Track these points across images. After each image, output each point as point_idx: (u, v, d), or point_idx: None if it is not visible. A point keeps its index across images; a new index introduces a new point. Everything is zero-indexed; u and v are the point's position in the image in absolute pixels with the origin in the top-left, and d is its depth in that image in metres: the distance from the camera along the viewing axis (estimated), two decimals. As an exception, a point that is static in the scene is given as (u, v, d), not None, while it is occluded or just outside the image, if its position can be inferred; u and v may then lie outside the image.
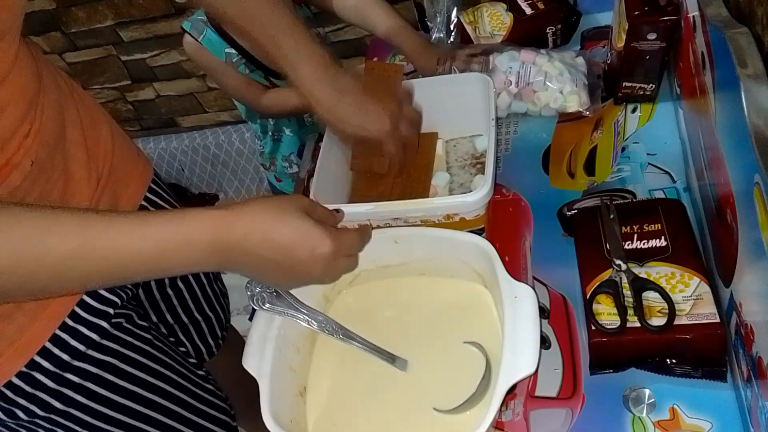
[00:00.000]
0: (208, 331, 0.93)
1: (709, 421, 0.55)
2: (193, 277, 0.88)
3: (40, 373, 0.65)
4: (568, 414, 0.60)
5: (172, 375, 0.77)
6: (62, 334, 0.65)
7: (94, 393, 0.69)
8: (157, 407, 0.75)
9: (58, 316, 0.65)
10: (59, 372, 0.66)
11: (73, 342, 0.66)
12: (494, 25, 0.97)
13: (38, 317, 0.63)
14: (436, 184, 0.82)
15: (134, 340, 0.72)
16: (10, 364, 0.63)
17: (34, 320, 0.63)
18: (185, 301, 0.87)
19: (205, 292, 0.91)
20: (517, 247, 0.73)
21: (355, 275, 0.70)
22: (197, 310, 0.89)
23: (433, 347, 0.64)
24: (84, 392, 0.68)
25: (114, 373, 0.70)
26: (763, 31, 0.54)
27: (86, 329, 0.67)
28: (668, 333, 0.57)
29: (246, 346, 0.61)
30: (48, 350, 0.64)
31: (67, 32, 2.04)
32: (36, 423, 0.68)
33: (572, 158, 0.81)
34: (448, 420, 0.58)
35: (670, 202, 0.69)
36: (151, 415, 0.74)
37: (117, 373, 0.70)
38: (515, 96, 0.87)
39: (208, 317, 0.92)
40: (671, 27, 0.71)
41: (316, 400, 0.64)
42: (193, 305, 0.89)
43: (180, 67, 2.10)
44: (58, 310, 0.65)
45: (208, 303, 0.91)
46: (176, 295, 0.86)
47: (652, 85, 0.79)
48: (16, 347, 0.63)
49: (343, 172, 0.82)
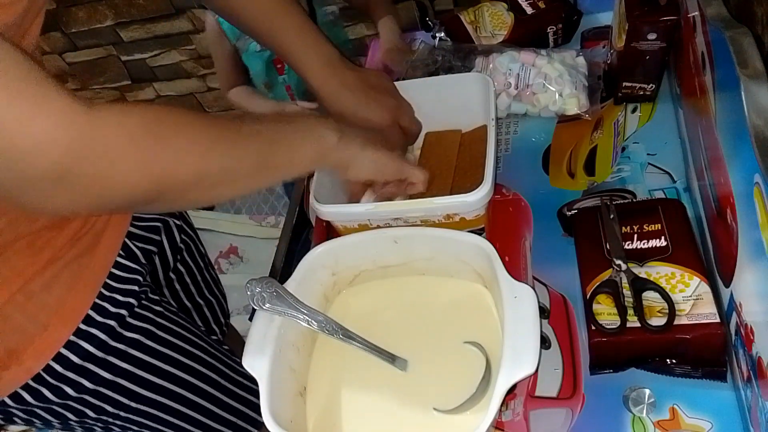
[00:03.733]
0: (211, 317, 0.95)
1: (709, 421, 0.55)
2: (190, 261, 0.90)
3: (87, 342, 0.66)
4: (568, 414, 0.60)
5: (201, 342, 0.80)
6: (102, 303, 0.67)
7: (139, 359, 0.71)
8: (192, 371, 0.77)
9: (94, 285, 0.67)
10: (107, 340, 0.67)
11: (113, 309, 0.68)
12: (495, 24, 0.97)
13: (75, 287, 0.65)
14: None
15: (163, 309, 0.76)
16: (57, 333, 0.64)
17: (72, 290, 0.65)
18: (187, 285, 0.89)
19: (204, 276, 0.93)
20: (517, 247, 0.73)
21: (355, 275, 0.70)
22: (198, 294, 0.92)
23: (433, 347, 0.64)
24: (130, 359, 0.70)
25: (153, 339, 0.73)
26: (763, 31, 0.54)
27: (121, 296, 0.69)
28: (668, 333, 0.57)
29: (246, 346, 0.61)
30: (92, 318, 0.66)
31: (67, 32, 2.04)
32: (83, 399, 0.69)
33: (572, 158, 0.81)
34: (448, 420, 0.58)
35: (670, 202, 0.69)
36: (188, 379, 0.77)
37: (155, 339, 0.73)
38: (515, 98, 0.87)
39: (210, 301, 0.95)
40: (671, 27, 0.71)
41: (316, 400, 0.64)
42: (194, 289, 0.91)
43: (180, 67, 2.10)
44: (91, 280, 0.67)
45: (207, 287, 0.94)
46: (178, 279, 0.87)
47: (652, 85, 0.79)
48: (61, 316, 0.64)
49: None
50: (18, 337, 0.63)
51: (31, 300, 0.62)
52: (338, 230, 0.74)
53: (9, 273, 0.61)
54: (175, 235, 0.86)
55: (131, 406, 0.72)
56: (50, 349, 0.65)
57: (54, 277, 0.64)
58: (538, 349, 0.52)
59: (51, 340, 0.65)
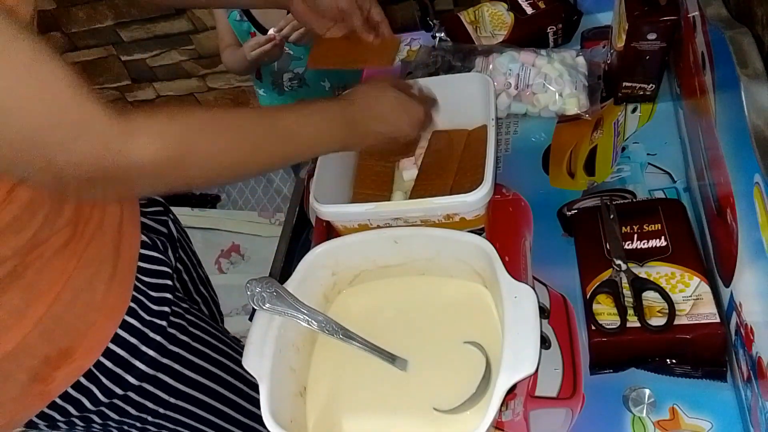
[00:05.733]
0: (208, 314, 0.95)
1: (709, 421, 0.55)
2: (185, 257, 0.90)
3: (131, 335, 0.67)
4: (568, 414, 0.60)
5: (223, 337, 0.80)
6: (139, 296, 0.69)
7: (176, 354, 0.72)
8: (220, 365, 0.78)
9: (129, 276, 0.69)
10: (147, 332, 0.68)
11: (152, 305, 0.69)
12: (495, 24, 0.97)
13: (113, 280, 0.66)
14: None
15: (189, 306, 0.77)
16: (104, 329, 0.65)
17: (111, 283, 0.66)
18: (185, 283, 0.89)
19: (198, 272, 0.94)
20: (517, 247, 0.73)
21: (355, 275, 0.70)
22: (195, 291, 0.92)
23: (433, 347, 0.64)
24: (169, 354, 0.71)
25: (186, 334, 0.74)
26: (763, 31, 0.54)
27: (155, 292, 0.71)
28: (668, 333, 0.57)
29: (246, 346, 0.61)
30: (134, 310, 0.67)
31: (67, 32, 2.04)
32: (127, 397, 0.69)
33: (572, 158, 0.81)
34: (448, 420, 0.58)
35: (670, 202, 0.69)
36: (218, 373, 0.77)
37: (187, 334, 0.74)
38: (515, 98, 0.87)
39: (206, 298, 0.95)
40: (671, 27, 0.71)
41: (316, 400, 0.64)
42: (191, 286, 0.91)
43: (180, 67, 2.10)
44: (126, 271, 0.68)
45: (202, 284, 0.95)
46: (178, 278, 0.87)
47: (652, 85, 0.79)
48: (106, 311, 0.65)
49: (343, 172, 0.82)
50: (70, 336, 0.63)
51: (77, 298, 0.63)
52: (338, 230, 0.74)
53: (52, 272, 0.61)
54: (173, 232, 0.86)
55: (170, 402, 0.73)
56: (98, 346, 0.65)
57: (95, 272, 0.65)
58: (538, 349, 0.52)
59: (99, 336, 0.65)
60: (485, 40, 0.97)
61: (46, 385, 0.64)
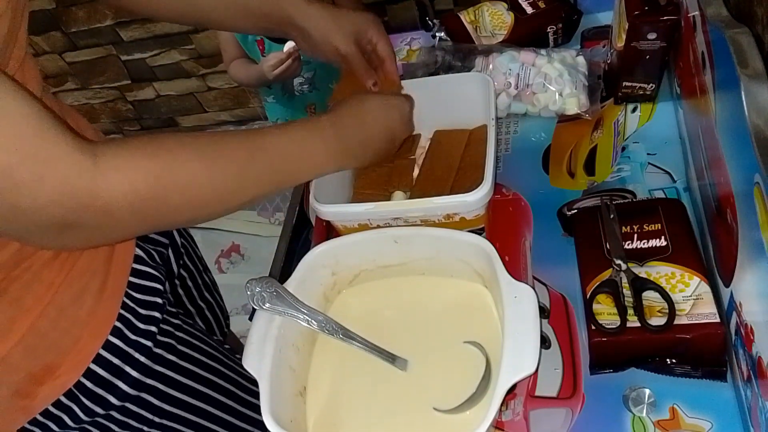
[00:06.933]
0: (212, 319, 0.96)
1: (709, 421, 0.55)
2: (190, 264, 0.90)
3: (114, 355, 0.66)
4: (568, 414, 0.60)
5: (214, 353, 0.80)
6: (126, 314, 0.67)
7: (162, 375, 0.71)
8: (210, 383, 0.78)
9: (118, 294, 0.67)
10: (131, 352, 0.67)
11: (139, 323, 0.68)
12: (495, 24, 0.96)
13: (101, 297, 0.65)
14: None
15: (181, 323, 0.76)
16: (90, 345, 0.64)
17: (99, 300, 0.64)
18: (189, 289, 0.89)
19: (203, 278, 0.94)
20: (517, 247, 0.73)
21: (355, 275, 0.70)
22: (199, 297, 0.92)
23: (433, 347, 0.64)
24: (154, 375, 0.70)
25: (174, 354, 0.73)
26: (763, 31, 0.54)
27: (144, 309, 0.69)
28: (668, 333, 0.57)
29: (246, 346, 0.61)
30: (119, 329, 0.66)
31: (67, 32, 2.04)
32: (110, 416, 0.68)
33: (572, 158, 0.81)
34: (448, 420, 0.58)
35: (670, 202, 0.69)
36: (206, 392, 0.77)
37: (176, 353, 0.73)
38: (515, 97, 0.87)
39: (210, 303, 0.95)
40: (671, 27, 0.71)
41: (316, 400, 0.64)
42: (195, 292, 0.91)
43: (180, 67, 2.10)
44: (115, 288, 0.67)
45: (207, 290, 0.95)
46: (182, 284, 0.88)
47: (652, 85, 0.79)
48: (91, 328, 0.64)
49: (343, 171, 0.82)
50: (54, 352, 0.62)
51: (63, 313, 0.62)
52: (338, 230, 0.74)
53: (39, 286, 0.60)
54: (176, 238, 0.86)
55: (155, 421, 0.72)
56: (82, 363, 0.64)
57: (84, 286, 0.63)
58: (538, 349, 0.52)
59: (84, 353, 0.64)
60: (485, 39, 0.97)
61: (31, 400, 0.63)
